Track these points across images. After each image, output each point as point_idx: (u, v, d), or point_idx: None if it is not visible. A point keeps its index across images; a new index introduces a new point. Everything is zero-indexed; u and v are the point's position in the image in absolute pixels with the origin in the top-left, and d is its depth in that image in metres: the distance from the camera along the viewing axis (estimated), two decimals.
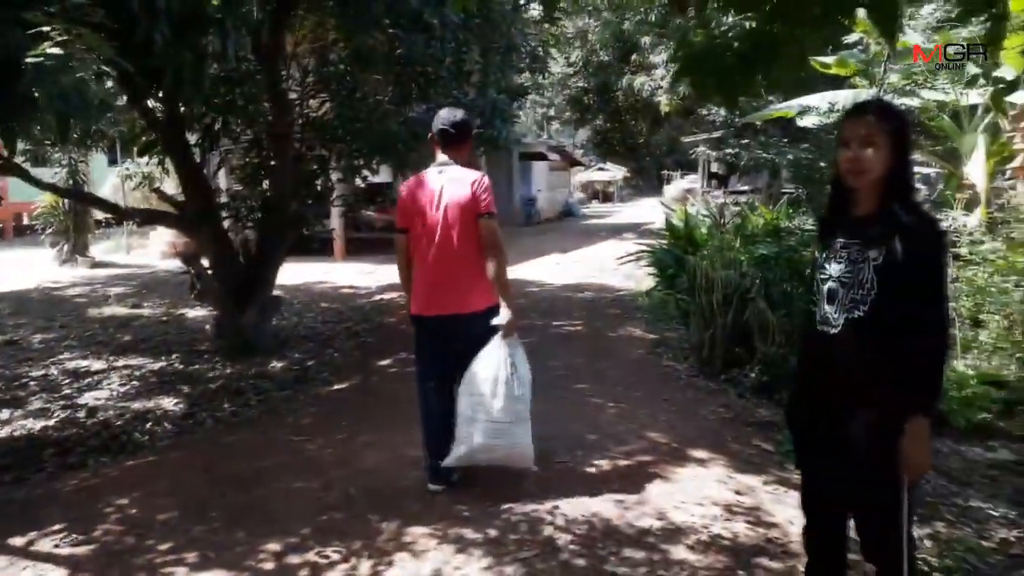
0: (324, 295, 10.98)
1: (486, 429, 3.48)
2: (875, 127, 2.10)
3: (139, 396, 5.91)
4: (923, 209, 2.12)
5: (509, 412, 3.48)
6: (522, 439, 3.56)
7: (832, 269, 2.20)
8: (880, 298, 2.07)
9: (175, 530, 3.34)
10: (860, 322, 2.11)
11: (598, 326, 7.98)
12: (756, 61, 1.91)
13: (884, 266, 2.06)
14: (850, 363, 2.14)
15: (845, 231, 2.21)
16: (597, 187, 40.52)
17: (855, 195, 2.20)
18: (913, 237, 2.04)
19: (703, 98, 2.59)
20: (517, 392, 3.53)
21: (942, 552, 3.09)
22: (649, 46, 18.03)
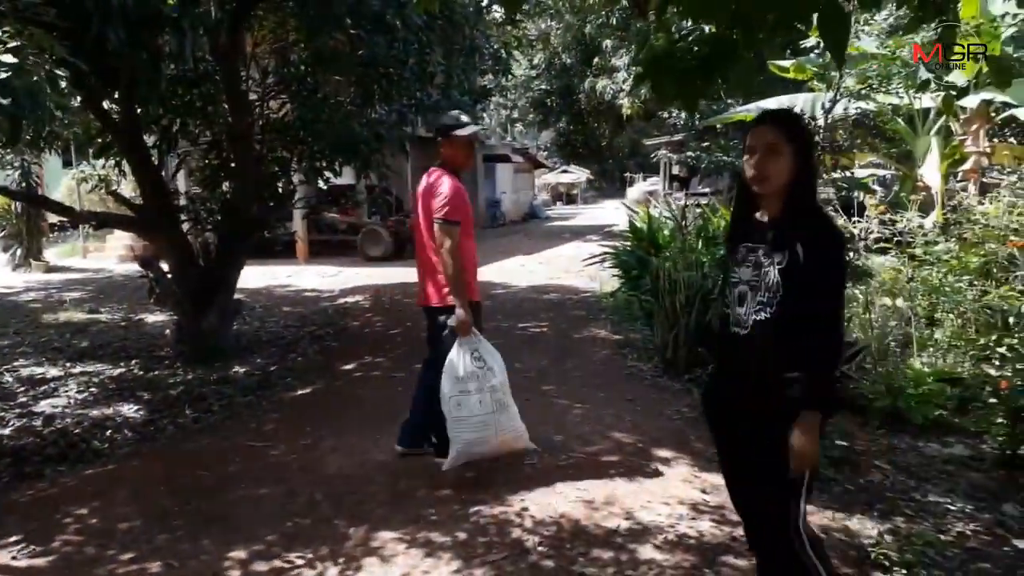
0: (286, 298, 10.85)
1: (472, 424, 3.65)
2: (779, 136, 2.16)
3: (97, 403, 5.78)
4: (825, 214, 2.22)
5: (488, 403, 3.68)
6: (509, 423, 3.73)
7: (742, 273, 2.28)
8: (785, 300, 2.16)
9: (137, 539, 3.28)
10: (766, 323, 2.19)
11: (563, 327, 8.01)
12: (715, 65, 1.95)
13: (788, 269, 2.15)
14: (758, 363, 2.23)
15: (752, 236, 2.28)
16: (561, 189, 40.71)
17: (761, 201, 2.28)
18: (814, 241, 2.12)
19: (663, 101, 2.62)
20: (491, 382, 3.71)
21: (902, 547, 3.15)
22: (611, 49, 18.15)
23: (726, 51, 1.93)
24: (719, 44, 1.94)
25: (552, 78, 22.07)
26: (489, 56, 7.98)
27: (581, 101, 22.33)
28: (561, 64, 21.43)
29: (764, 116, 2.27)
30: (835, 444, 4.37)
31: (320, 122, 6.77)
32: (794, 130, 2.20)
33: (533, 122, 26.09)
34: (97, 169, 12.38)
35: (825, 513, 3.52)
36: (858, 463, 4.23)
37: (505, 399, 3.76)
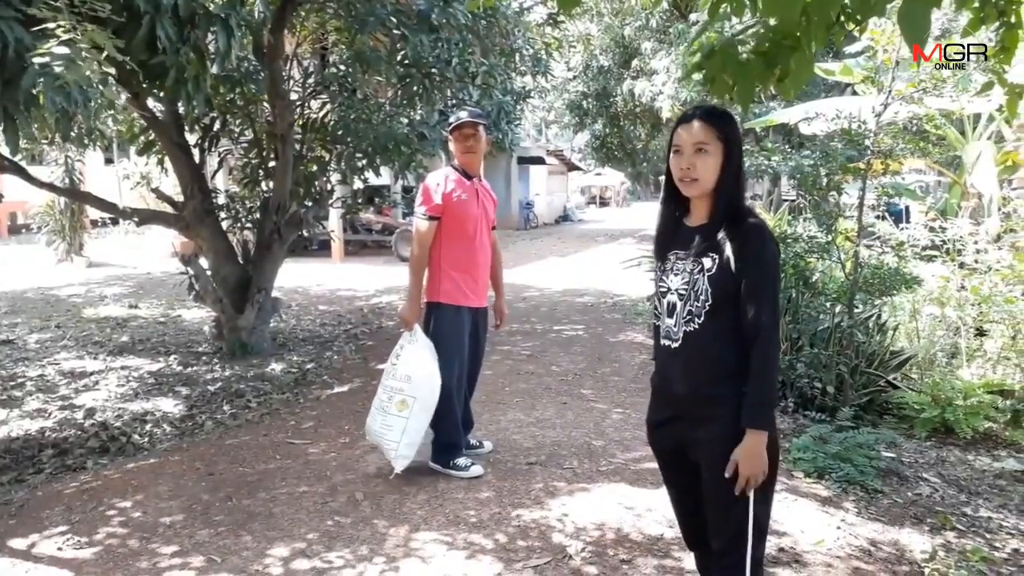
0: (322, 297, 10.93)
1: (370, 409, 3.89)
2: (707, 133, 2.02)
3: (137, 397, 5.85)
4: (755, 216, 2.05)
5: (376, 399, 3.87)
6: (378, 428, 3.80)
7: (671, 282, 2.12)
8: (715, 309, 2.01)
9: (179, 534, 3.29)
10: (697, 335, 2.05)
11: (599, 331, 7.95)
12: (776, 57, 1.89)
13: (717, 276, 2.00)
14: (690, 377, 2.08)
15: (681, 242, 2.13)
16: (594, 192, 40.62)
17: (690, 204, 2.14)
18: (745, 245, 1.98)
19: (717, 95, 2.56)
20: (387, 382, 3.82)
21: (957, 563, 3.05)
22: (650, 52, 18.02)
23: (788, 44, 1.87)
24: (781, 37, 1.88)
25: (589, 80, 21.96)
26: (529, 57, 7.95)
27: (617, 104, 22.20)
28: (598, 66, 21.33)
29: (692, 112, 2.08)
30: (882, 455, 4.27)
31: (361, 122, 6.79)
32: (723, 127, 2.03)
33: (569, 124, 26.00)
34: (139, 166, 12.55)
35: (873, 526, 3.43)
36: (906, 475, 4.12)
37: (388, 405, 3.76)
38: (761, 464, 1.97)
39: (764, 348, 1.97)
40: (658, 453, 2.33)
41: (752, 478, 1.96)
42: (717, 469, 2.03)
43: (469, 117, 3.85)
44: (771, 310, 1.97)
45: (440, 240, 3.80)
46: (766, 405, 1.99)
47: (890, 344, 5.52)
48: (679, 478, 2.26)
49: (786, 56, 1.90)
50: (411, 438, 3.72)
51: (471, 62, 6.57)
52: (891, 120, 5.05)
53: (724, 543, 2.09)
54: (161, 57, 4.34)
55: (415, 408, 3.69)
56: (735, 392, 2.00)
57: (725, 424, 2.01)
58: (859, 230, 4.87)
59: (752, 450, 1.96)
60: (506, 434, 4.56)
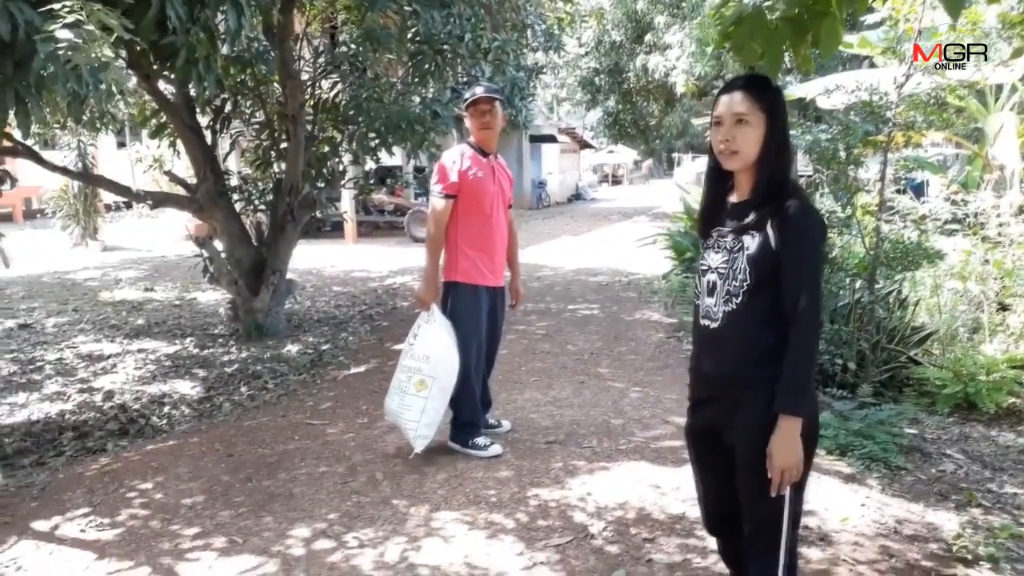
0: (336, 278, 10.93)
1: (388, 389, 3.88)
2: (748, 103, 1.92)
3: (155, 380, 5.87)
4: (801, 193, 1.95)
5: (395, 379, 3.83)
6: (396, 408, 3.79)
7: (711, 260, 2.04)
8: (754, 290, 1.93)
9: (200, 515, 3.30)
10: (736, 315, 1.97)
11: (614, 309, 7.90)
12: (807, 23, 1.82)
13: (757, 255, 1.92)
14: (729, 357, 2.01)
15: (723, 219, 2.06)
16: (607, 170, 40.38)
17: (733, 179, 2.05)
18: (787, 223, 1.88)
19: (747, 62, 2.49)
20: (405, 361, 3.80)
21: (985, 540, 3.01)
22: (663, 26, 17.77)
23: (819, 8, 1.81)
24: (812, 2, 1.82)
25: (601, 56, 21.71)
26: (541, 32, 7.84)
27: (630, 79, 21.96)
28: (610, 42, 21.07)
29: (733, 82, 2.00)
30: (904, 431, 4.23)
31: (373, 101, 6.73)
32: (766, 97, 1.93)
33: (581, 101, 25.77)
34: (151, 150, 12.56)
35: (898, 503, 3.39)
36: (929, 452, 4.08)
37: (406, 385, 3.74)
38: (795, 454, 1.87)
39: (801, 331, 1.88)
40: (690, 433, 2.25)
41: (787, 470, 1.87)
42: (751, 454, 1.96)
43: (485, 92, 3.79)
44: (811, 291, 1.87)
45: (456, 218, 3.75)
46: (800, 390, 1.88)
47: (911, 320, 5.45)
48: (711, 460, 2.18)
49: (817, 21, 1.83)
50: (430, 418, 3.70)
51: (483, 38, 6.49)
52: (912, 92, 4.94)
53: (758, 529, 2.03)
54: (171, 38, 4.30)
55: (434, 388, 3.66)
56: (772, 376, 1.90)
57: (760, 408, 1.93)
58: (880, 204, 4.79)
59: (784, 439, 1.87)
60: (523, 413, 4.54)
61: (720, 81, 16.97)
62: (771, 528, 1.96)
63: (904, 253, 4.74)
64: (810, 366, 1.92)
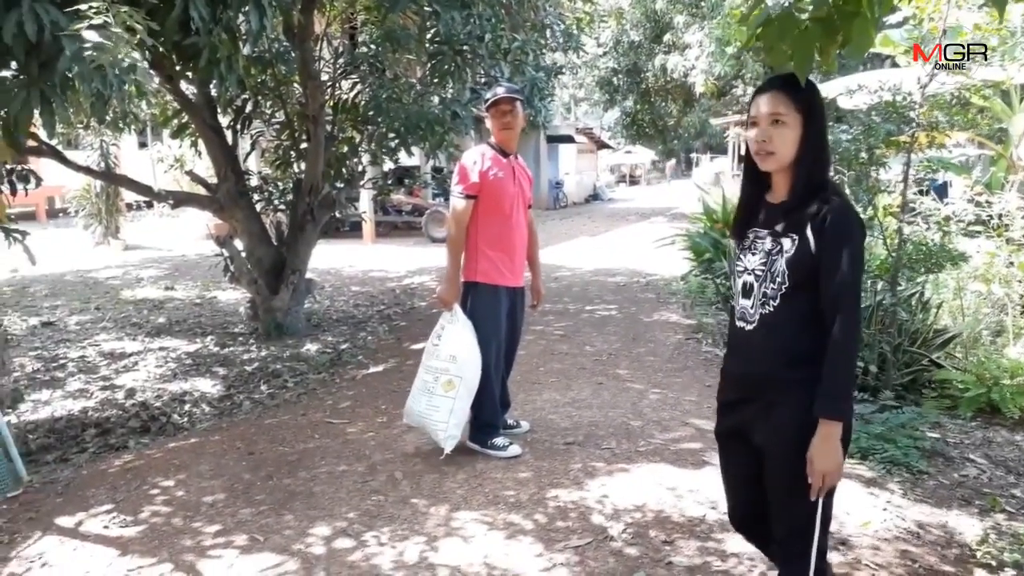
0: (355, 278, 10.98)
1: (412, 391, 3.85)
2: (784, 104, 1.90)
3: (176, 378, 5.93)
4: (839, 194, 1.92)
5: (419, 379, 3.81)
6: (423, 409, 3.76)
7: (748, 261, 2.02)
8: (792, 293, 1.92)
9: (222, 512, 3.32)
10: (772, 317, 1.95)
11: (633, 310, 7.88)
12: (837, 24, 1.81)
13: (795, 258, 1.90)
14: (763, 359, 1.99)
15: (760, 221, 2.04)
16: (624, 170, 40.26)
17: (770, 180, 2.03)
18: (825, 226, 1.86)
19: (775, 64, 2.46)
20: (430, 363, 3.77)
21: (1010, 546, 2.98)
22: (683, 25, 17.70)
23: (850, 9, 1.79)
24: (843, 2, 1.80)
25: (619, 56, 21.66)
26: (560, 32, 7.83)
27: (648, 79, 21.89)
28: (629, 41, 21.01)
29: (769, 82, 1.98)
30: (926, 435, 4.18)
31: (392, 101, 6.75)
32: (802, 96, 1.91)
33: (599, 102, 25.71)
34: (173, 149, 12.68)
35: (920, 508, 3.36)
36: (951, 456, 4.03)
37: (433, 386, 3.72)
38: (836, 458, 1.85)
39: (840, 334, 1.84)
40: (719, 434, 2.24)
41: (828, 474, 1.85)
42: (782, 457, 1.96)
43: (506, 93, 3.79)
44: (850, 295, 1.85)
45: (477, 219, 3.75)
46: (840, 394, 1.86)
47: (934, 322, 5.39)
48: (740, 462, 2.17)
49: (847, 22, 1.82)
50: (458, 418, 3.71)
51: (503, 38, 6.48)
52: (936, 91, 4.89)
53: (789, 533, 2.02)
54: (194, 38, 4.34)
55: (461, 388, 3.67)
56: (807, 378, 1.88)
57: (793, 411, 1.92)
58: (903, 205, 4.74)
59: (825, 443, 1.85)
60: (542, 414, 4.54)
61: (739, 81, 16.90)
62: (803, 532, 1.96)
63: (927, 255, 4.68)
64: (850, 370, 1.90)
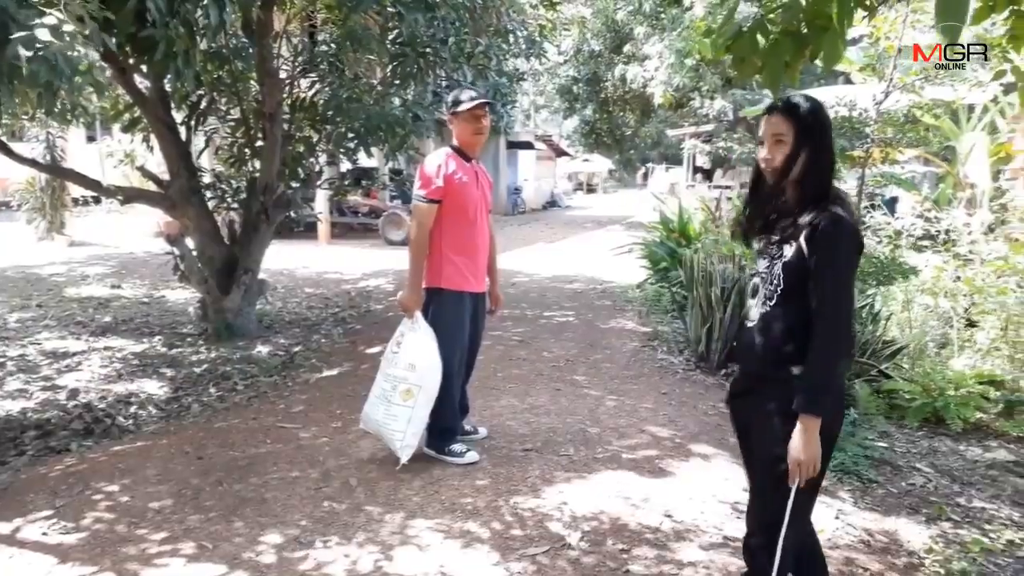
0: (309, 280, 10.82)
1: (369, 398, 3.77)
2: (783, 124, 2.09)
3: (121, 379, 5.75)
4: (835, 203, 2.08)
5: (378, 386, 3.73)
6: (382, 419, 3.68)
7: (759, 265, 2.24)
8: (784, 295, 2.09)
9: (169, 519, 3.22)
10: (766, 317, 2.14)
11: (589, 317, 7.91)
12: (807, 37, 1.83)
13: (790, 262, 2.07)
14: (758, 356, 2.18)
15: (771, 228, 2.22)
16: (581, 178, 40.53)
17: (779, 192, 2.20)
18: (815, 234, 2.02)
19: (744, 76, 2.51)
20: (389, 371, 3.69)
21: (957, 554, 3.04)
22: (643, 36, 17.89)
23: (820, 23, 1.81)
24: (813, 16, 1.82)
25: (580, 65, 21.81)
26: (523, 39, 7.83)
27: (608, 89, 22.07)
28: (589, 51, 21.17)
29: (772, 106, 2.18)
30: (875, 445, 4.27)
31: (352, 101, 6.67)
32: (798, 118, 2.09)
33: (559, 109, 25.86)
34: (123, 144, 12.36)
35: (870, 516, 3.42)
36: (899, 465, 4.12)
37: (391, 395, 3.65)
38: (812, 451, 2.00)
39: (821, 335, 2.00)
40: (734, 425, 2.45)
41: (803, 465, 2.00)
42: (760, 450, 2.19)
43: (480, 98, 3.76)
44: (833, 299, 2.00)
45: (441, 224, 3.68)
46: (818, 392, 2.02)
47: (883, 334, 5.51)
48: (746, 458, 2.38)
49: (818, 35, 1.84)
50: (416, 427, 3.65)
51: (467, 42, 6.45)
52: (890, 108, 5.01)
53: (757, 525, 2.22)
54: (150, 31, 4.23)
55: (420, 397, 3.60)
56: (789, 377, 2.06)
57: (774, 407, 2.10)
58: (857, 218, 4.84)
59: (803, 437, 2.00)
60: (500, 420, 4.51)
61: (696, 93, 17.12)
62: (771, 526, 2.10)
63: (879, 268, 4.79)
64: (828, 369, 2.04)
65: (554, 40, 15.02)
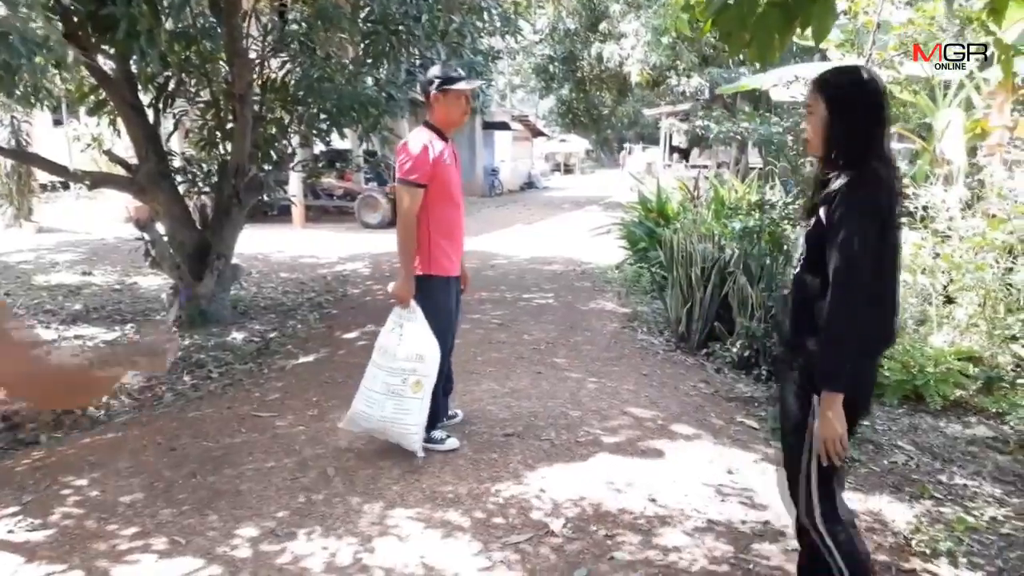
0: (284, 264, 10.66)
1: (364, 396, 3.57)
2: (811, 96, 2.13)
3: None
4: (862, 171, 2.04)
5: (380, 382, 3.53)
6: (395, 415, 3.52)
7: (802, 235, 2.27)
8: (809, 262, 2.12)
9: (140, 513, 3.12)
10: (796, 282, 2.19)
11: (569, 299, 7.85)
12: (796, 8, 1.76)
13: (812, 231, 2.10)
14: (786, 320, 2.28)
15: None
16: (559, 159, 40.35)
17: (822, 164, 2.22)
18: (831, 203, 2.02)
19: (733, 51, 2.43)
20: (394, 364, 3.51)
21: (943, 533, 3.03)
22: (619, 14, 17.74)
23: None
24: None
25: (555, 44, 21.63)
26: (498, 16, 7.69)
27: (584, 68, 21.94)
28: (565, 29, 20.99)
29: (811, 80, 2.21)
30: None
31: (324, 81, 6.52)
32: (825, 89, 2.10)
33: (535, 89, 25.68)
34: (90, 128, 12.07)
35: (854, 495, 3.40)
36: (880, 443, 4.12)
37: (402, 388, 3.48)
38: (834, 426, 1.98)
39: (831, 307, 1.98)
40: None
41: (829, 441, 1.99)
42: (784, 419, 2.22)
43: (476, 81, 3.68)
44: (844, 268, 1.96)
45: (428, 208, 3.51)
46: (832, 366, 2.00)
47: None
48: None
49: (807, 6, 1.77)
50: (424, 417, 3.57)
51: (440, 19, 6.32)
52: None
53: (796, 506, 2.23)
54: (111, 8, 4.07)
55: (427, 387, 3.51)
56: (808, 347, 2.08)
57: (797, 375, 2.13)
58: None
59: (824, 411, 2.00)
60: (481, 404, 4.45)
61: (673, 72, 17.06)
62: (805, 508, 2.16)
63: None
64: (840, 342, 1.99)
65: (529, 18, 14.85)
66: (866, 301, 1.98)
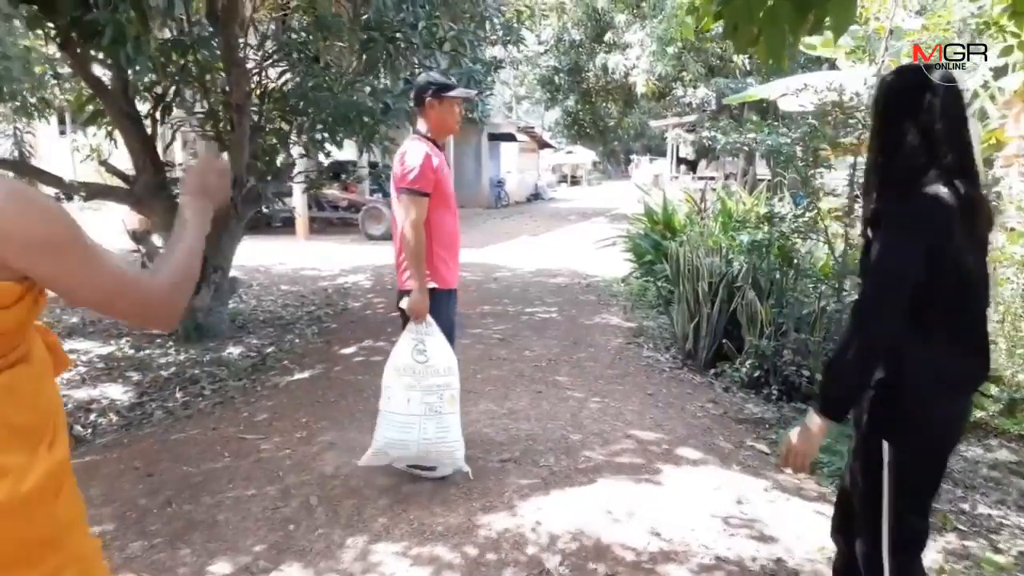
0: (285, 276, 10.51)
1: (395, 423, 3.30)
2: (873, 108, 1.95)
3: (84, 383, 5.45)
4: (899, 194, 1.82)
5: (416, 404, 3.29)
6: (437, 434, 3.31)
7: None
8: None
9: (108, 546, 2.93)
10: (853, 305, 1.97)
11: (573, 313, 7.66)
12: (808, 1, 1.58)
13: (864, 258, 1.97)
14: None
15: None
16: (565, 170, 40.27)
17: None
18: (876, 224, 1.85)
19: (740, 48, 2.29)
20: (428, 382, 3.31)
21: (969, 570, 2.82)
22: (624, 25, 17.60)
23: None
24: None
25: (560, 54, 21.52)
26: (500, 25, 7.54)
27: (590, 79, 21.80)
28: (570, 40, 20.88)
29: None
30: None
31: (322, 90, 6.38)
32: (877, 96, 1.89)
33: (540, 100, 25.58)
34: (90, 138, 11.99)
35: None
36: None
37: (440, 405, 3.30)
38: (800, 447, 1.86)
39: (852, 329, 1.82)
40: None
41: (791, 455, 1.88)
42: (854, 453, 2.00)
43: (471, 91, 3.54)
44: (868, 295, 1.83)
45: (429, 219, 3.35)
46: (826, 388, 1.90)
47: None
48: None
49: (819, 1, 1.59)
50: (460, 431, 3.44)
51: (439, 27, 6.17)
52: None
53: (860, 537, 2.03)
54: (95, 14, 3.93)
55: (457, 400, 3.38)
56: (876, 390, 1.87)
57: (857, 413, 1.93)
58: (851, 209, 4.63)
59: (801, 427, 1.88)
60: (477, 427, 4.25)
61: (678, 83, 16.88)
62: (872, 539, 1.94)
63: None
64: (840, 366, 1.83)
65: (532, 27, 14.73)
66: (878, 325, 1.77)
